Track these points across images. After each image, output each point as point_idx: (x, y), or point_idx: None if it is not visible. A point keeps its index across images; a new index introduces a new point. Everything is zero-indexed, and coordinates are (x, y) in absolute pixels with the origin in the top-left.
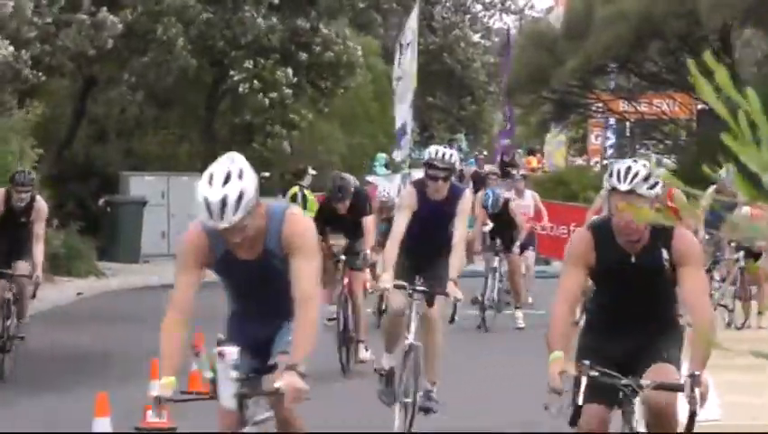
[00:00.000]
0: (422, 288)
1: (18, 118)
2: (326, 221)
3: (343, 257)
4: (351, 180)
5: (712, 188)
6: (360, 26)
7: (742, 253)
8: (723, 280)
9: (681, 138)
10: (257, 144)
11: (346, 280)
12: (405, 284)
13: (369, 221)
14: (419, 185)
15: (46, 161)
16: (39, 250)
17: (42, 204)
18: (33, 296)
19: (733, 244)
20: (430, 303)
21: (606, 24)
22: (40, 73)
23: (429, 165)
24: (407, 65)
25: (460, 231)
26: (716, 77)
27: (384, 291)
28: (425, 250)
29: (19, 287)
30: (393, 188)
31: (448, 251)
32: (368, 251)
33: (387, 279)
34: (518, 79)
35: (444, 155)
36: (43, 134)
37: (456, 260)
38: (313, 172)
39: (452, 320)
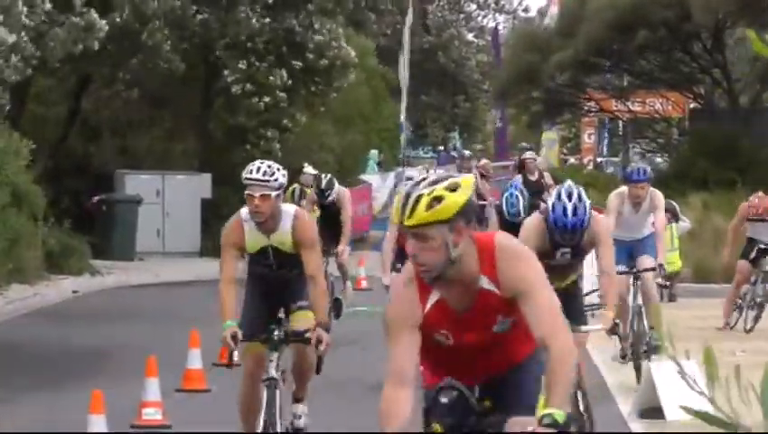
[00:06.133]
0: None
1: (8, 115)
2: None
3: None
4: None
5: None
6: (355, 24)
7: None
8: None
9: (674, 137)
10: (249, 145)
11: None
12: None
13: None
14: None
15: (41, 158)
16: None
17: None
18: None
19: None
20: None
21: (595, 16)
22: (29, 70)
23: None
24: (402, 65)
25: None
26: None
27: None
28: None
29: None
30: (387, 186)
31: None
32: None
33: None
34: (509, 78)
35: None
36: (38, 132)
37: None
38: (309, 168)
39: None
